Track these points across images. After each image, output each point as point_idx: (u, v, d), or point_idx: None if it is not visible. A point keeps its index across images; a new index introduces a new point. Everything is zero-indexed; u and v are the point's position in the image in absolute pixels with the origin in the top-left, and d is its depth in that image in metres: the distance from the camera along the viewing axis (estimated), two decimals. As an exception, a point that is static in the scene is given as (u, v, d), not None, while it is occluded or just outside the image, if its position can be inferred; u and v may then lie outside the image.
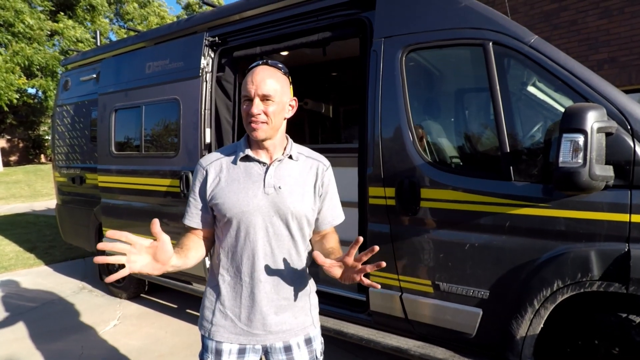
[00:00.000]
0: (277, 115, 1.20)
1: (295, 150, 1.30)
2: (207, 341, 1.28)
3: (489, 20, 2.02)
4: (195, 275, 3.25)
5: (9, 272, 5.10)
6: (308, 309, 1.33)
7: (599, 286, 1.74)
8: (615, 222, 1.72)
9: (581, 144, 1.60)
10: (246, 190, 1.21)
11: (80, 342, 3.18)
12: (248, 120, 1.19)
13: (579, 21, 5.45)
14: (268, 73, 1.19)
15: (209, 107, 3.09)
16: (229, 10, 3.08)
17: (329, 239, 1.35)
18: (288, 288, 1.26)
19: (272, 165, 1.24)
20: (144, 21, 21.39)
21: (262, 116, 1.17)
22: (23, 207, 10.55)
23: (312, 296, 1.37)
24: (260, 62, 1.22)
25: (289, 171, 1.26)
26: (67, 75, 4.75)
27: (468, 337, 2.08)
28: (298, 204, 1.23)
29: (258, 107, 1.16)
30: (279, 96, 1.19)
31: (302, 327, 1.30)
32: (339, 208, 1.38)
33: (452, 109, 2.42)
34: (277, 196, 1.21)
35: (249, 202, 1.20)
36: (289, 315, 1.27)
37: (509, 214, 1.92)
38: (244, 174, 1.24)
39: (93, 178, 4.08)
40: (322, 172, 1.31)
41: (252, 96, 1.17)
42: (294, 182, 1.25)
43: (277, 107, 1.20)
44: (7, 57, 13.77)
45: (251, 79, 1.18)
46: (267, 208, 1.21)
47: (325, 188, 1.32)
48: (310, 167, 1.30)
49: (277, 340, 1.26)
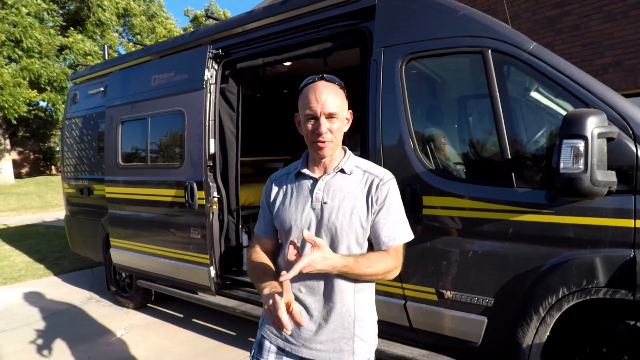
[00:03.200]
0: (340, 132, 1.21)
1: (353, 163, 1.26)
2: (258, 331, 1.36)
3: (488, 28, 2.04)
4: (200, 285, 3.27)
5: (19, 282, 5.16)
6: (350, 338, 1.22)
7: (605, 293, 1.71)
8: (619, 228, 1.70)
9: (582, 149, 1.60)
10: (297, 205, 1.24)
11: (88, 352, 3.20)
12: (314, 140, 1.18)
13: (582, 26, 5.44)
14: (330, 90, 1.17)
15: (213, 118, 3.14)
16: (232, 23, 3.14)
17: (377, 256, 1.20)
18: (325, 309, 1.22)
19: (321, 180, 1.24)
20: (151, 34, 21.79)
21: (328, 135, 1.16)
22: (34, 219, 10.71)
23: (358, 325, 1.23)
24: (317, 78, 1.20)
25: (339, 186, 1.22)
26: (76, 88, 4.86)
27: (474, 346, 2.06)
28: (344, 220, 1.18)
29: (325, 126, 1.15)
30: (341, 113, 1.19)
31: (338, 353, 1.22)
32: (401, 227, 1.23)
33: (452, 116, 2.43)
34: (323, 211, 1.20)
35: (297, 217, 1.22)
36: (325, 337, 1.22)
37: (512, 220, 1.91)
38: (297, 189, 1.27)
39: (100, 189, 4.14)
40: (377, 186, 1.21)
41: (318, 115, 1.15)
42: (343, 197, 1.20)
43: (341, 124, 1.20)
44: (14, 71, 14.07)
45: (315, 97, 1.15)
46: (314, 223, 1.21)
47: (380, 204, 1.21)
48: (365, 182, 1.23)
49: (309, 355, 1.24)
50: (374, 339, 1.30)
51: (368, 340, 1.26)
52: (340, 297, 1.20)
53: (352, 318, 1.22)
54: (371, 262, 1.16)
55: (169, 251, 3.42)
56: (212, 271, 3.16)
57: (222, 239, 3.21)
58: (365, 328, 1.25)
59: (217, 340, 3.36)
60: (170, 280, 3.53)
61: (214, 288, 3.18)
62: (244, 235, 3.48)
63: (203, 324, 3.70)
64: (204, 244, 3.15)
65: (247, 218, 3.99)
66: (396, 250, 1.23)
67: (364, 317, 1.25)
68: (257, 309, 2.97)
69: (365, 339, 1.25)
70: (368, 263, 1.16)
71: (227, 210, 3.22)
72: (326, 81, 1.19)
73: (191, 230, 3.23)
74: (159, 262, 3.50)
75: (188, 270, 3.30)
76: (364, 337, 1.25)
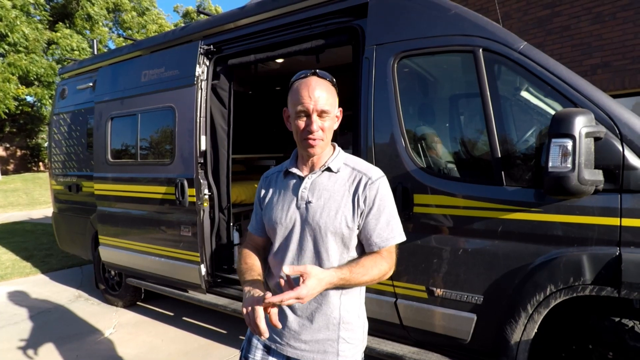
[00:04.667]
0: (331, 130, 1.19)
1: (341, 161, 1.23)
2: (248, 329, 1.33)
3: (479, 27, 2.05)
4: (191, 283, 3.25)
5: (5, 281, 5.07)
6: (334, 340, 1.20)
7: (592, 290, 1.74)
8: (606, 226, 1.73)
9: (570, 148, 1.62)
10: (282, 204, 1.23)
11: (76, 351, 3.16)
12: (304, 137, 1.15)
13: (572, 26, 5.50)
14: (322, 86, 1.14)
15: (204, 114, 3.11)
16: (223, 18, 3.11)
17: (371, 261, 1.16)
18: (309, 309, 1.20)
19: (307, 178, 1.21)
20: (142, 29, 21.50)
21: (319, 133, 1.14)
22: (21, 216, 10.53)
23: (344, 327, 1.20)
24: (309, 73, 1.17)
25: (325, 185, 1.19)
26: (64, 83, 4.77)
27: (463, 343, 2.08)
28: (329, 220, 1.15)
29: (317, 124, 1.13)
30: (333, 111, 1.17)
31: (322, 354, 1.20)
32: (393, 228, 1.18)
33: (443, 114, 2.44)
34: (308, 210, 1.18)
35: (282, 216, 1.21)
36: (309, 336, 1.21)
37: (502, 218, 1.93)
38: (284, 188, 1.26)
39: (89, 186, 4.08)
40: (365, 185, 1.17)
41: (311, 112, 1.12)
42: (329, 197, 1.17)
43: (332, 122, 1.18)
44: (2, 67, 13.79)
45: (307, 93, 1.12)
46: (299, 222, 1.19)
47: (369, 204, 1.16)
48: (352, 180, 1.19)
49: (294, 355, 1.23)
50: (361, 341, 1.27)
51: (354, 342, 1.23)
52: (325, 298, 1.18)
53: (337, 320, 1.20)
54: (366, 270, 1.14)
55: (159, 249, 3.39)
56: (202, 269, 3.13)
57: (213, 237, 3.19)
58: (351, 330, 1.23)
59: (207, 338, 3.35)
60: (160, 278, 3.49)
61: (205, 286, 3.16)
62: (235, 233, 3.46)
63: (193, 322, 3.68)
64: (194, 241, 3.12)
65: (238, 216, 3.97)
66: (389, 250, 1.19)
67: (350, 319, 1.22)
68: (248, 307, 2.96)
69: (351, 341, 1.23)
70: (363, 271, 1.13)
71: (218, 208, 3.19)
72: (318, 77, 1.17)
73: (182, 228, 3.20)
74: (149, 259, 3.47)
75: (178, 268, 3.27)
76: (350, 339, 1.22)
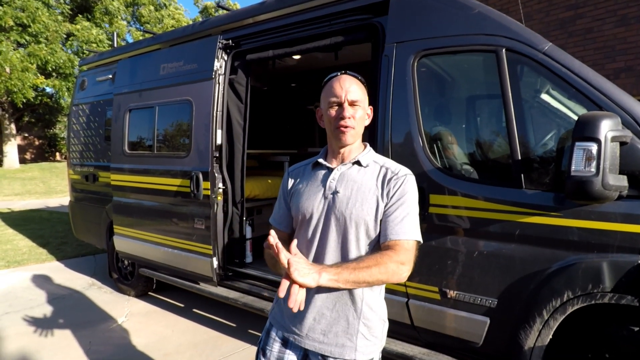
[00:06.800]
0: (362, 122, 1.25)
1: (370, 157, 1.28)
2: (268, 319, 1.39)
3: (503, 26, 2.01)
4: (202, 275, 3.28)
5: (22, 266, 5.20)
6: (353, 334, 1.21)
7: (611, 298, 1.70)
8: (628, 234, 1.69)
9: (594, 152, 1.58)
10: (309, 193, 1.27)
11: (89, 338, 3.23)
12: (336, 125, 1.20)
13: (595, 29, 5.37)
14: (352, 81, 1.23)
15: (220, 109, 3.13)
16: (243, 13, 3.12)
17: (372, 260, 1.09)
18: (329, 299, 1.21)
19: (336, 170, 1.26)
20: (159, 23, 21.73)
21: (351, 121, 1.20)
22: (37, 204, 10.76)
23: (364, 322, 1.21)
24: (339, 73, 1.25)
25: (353, 177, 1.24)
26: (84, 75, 4.86)
27: (475, 346, 2.06)
28: (355, 210, 1.18)
29: (349, 111, 1.19)
30: (363, 103, 1.24)
31: (340, 348, 1.20)
32: (406, 223, 1.16)
33: (463, 115, 2.41)
34: (335, 200, 1.22)
35: (310, 205, 1.25)
36: (326, 326, 1.21)
37: (520, 222, 1.90)
38: (313, 178, 1.31)
39: (106, 176, 4.16)
40: (390, 179, 1.21)
41: (342, 101, 1.19)
42: (356, 189, 1.21)
43: (363, 112, 1.24)
44: (22, 56, 14.10)
45: (339, 85, 1.20)
46: (325, 212, 1.23)
47: (392, 198, 1.19)
48: (378, 174, 1.24)
49: (311, 347, 1.23)
50: (380, 340, 1.27)
51: (372, 339, 1.23)
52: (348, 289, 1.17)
53: (358, 313, 1.21)
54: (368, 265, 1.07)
55: (172, 240, 3.43)
56: (214, 262, 3.16)
57: (225, 231, 3.21)
58: (371, 327, 1.23)
59: (217, 330, 3.38)
60: (173, 270, 3.54)
61: (216, 279, 3.19)
62: (248, 227, 3.48)
63: (204, 314, 3.72)
64: (207, 234, 3.15)
65: (251, 210, 4.00)
66: (401, 245, 1.13)
67: (370, 316, 1.23)
68: (258, 302, 2.98)
69: (370, 338, 1.23)
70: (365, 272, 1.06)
71: (232, 202, 3.22)
72: (349, 75, 1.25)
73: (195, 221, 3.23)
74: (162, 251, 3.51)
75: (191, 260, 3.31)
76: (368, 335, 1.22)
